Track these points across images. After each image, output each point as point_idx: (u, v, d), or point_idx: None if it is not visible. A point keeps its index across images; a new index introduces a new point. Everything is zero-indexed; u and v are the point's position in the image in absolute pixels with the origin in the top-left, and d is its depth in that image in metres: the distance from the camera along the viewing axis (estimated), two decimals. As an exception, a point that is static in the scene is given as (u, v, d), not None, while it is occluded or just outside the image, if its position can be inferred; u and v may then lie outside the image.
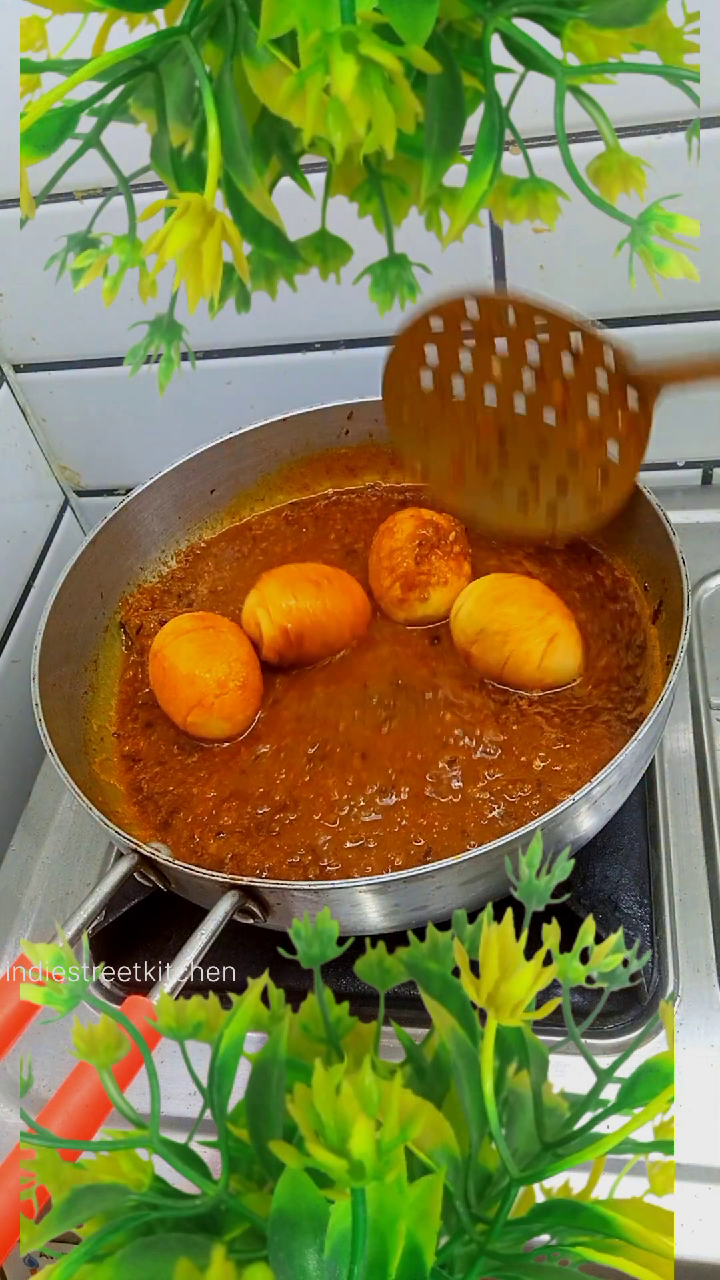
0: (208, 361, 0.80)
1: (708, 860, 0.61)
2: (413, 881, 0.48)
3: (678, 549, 0.59)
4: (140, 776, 0.63)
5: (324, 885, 0.49)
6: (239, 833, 0.58)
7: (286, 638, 0.64)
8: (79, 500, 0.95)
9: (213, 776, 0.62)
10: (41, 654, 0.62)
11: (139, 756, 0.65)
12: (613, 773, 0.50)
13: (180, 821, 0.60)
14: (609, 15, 0.39)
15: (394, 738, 0.61)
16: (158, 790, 0.62)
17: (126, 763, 0.65)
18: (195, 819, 0.60)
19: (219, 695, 0.61)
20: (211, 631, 0.64)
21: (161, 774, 0.63)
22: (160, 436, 0.85)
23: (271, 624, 0.64)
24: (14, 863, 0.71)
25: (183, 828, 0.60)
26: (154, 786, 0.63)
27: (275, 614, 0.64)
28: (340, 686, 0.65)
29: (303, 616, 0.64)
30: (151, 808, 0.62)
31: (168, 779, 0.63)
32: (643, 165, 0.43)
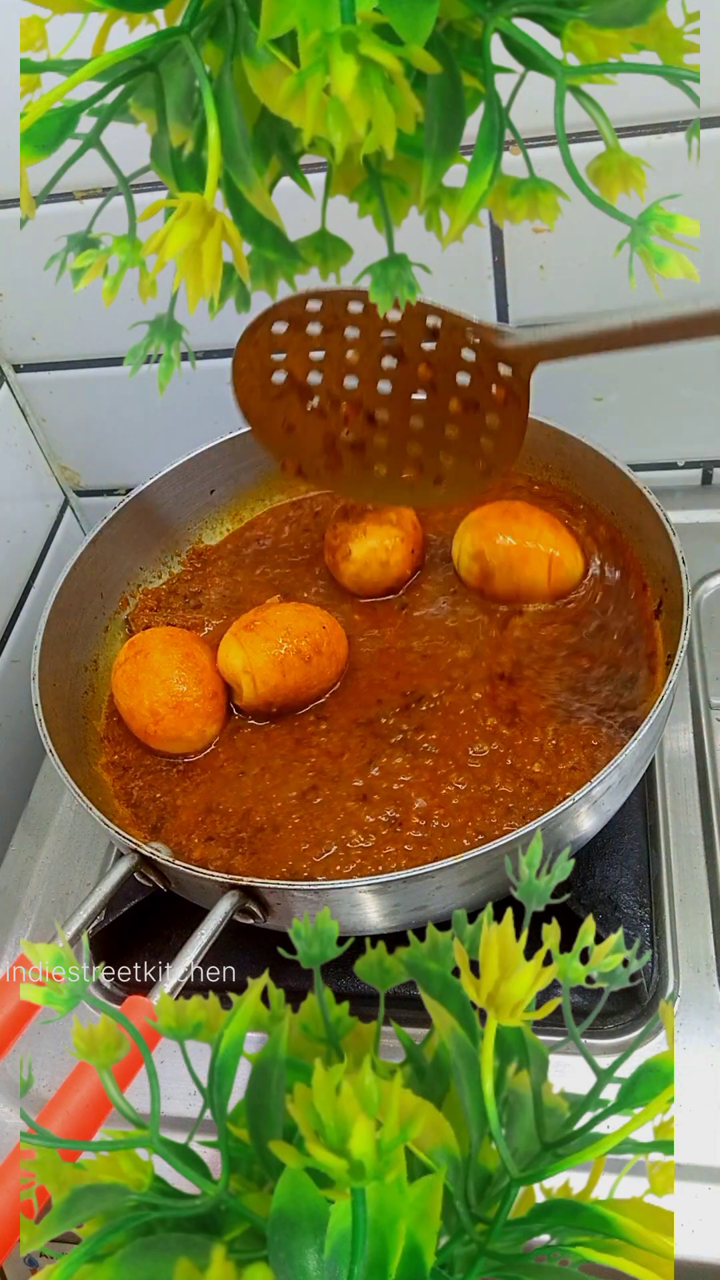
0: (208, 361, 0.80)
1: (708, 860, 0.61)
2: (413, 881, 0.48)
3: (678, 549, 0.59)
4: (130, 784, 0.64)
5: (324, 885, 0.49)
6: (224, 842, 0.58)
7: (268, 708, 0.63)
8: (79, 500, 0.95)
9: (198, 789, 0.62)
10: (41, 654, 0.62)
11: (127, 764, 0.65)
12: (613, 773, 0.50)
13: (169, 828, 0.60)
14: (609, 15, 0.39)
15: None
16: (145, 797, 0.62)
17: (116, 769, 0.65)
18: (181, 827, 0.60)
19: (155, 723, 0.62)
20: (140, 658, 0.63)
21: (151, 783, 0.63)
22: (160, 436, 0.85)
23: (255, 695, 0.62)
24: (14, 863, 0.71)
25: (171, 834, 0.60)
26: (143, 794, 0.63)
27: (261, 687, 0.62)
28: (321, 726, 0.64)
29: (288, 693, 0.63)
30: (141, 813, 0.62)
31: (155, 788, 0.63)
32: (643, 165, 0.43)
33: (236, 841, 0.58)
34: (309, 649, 0.62)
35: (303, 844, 0.56)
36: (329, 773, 0.60)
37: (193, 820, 0.59)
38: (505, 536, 0.65)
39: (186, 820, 0.60)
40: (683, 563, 0.58)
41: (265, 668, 0.62)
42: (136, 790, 0.63)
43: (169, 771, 0.63)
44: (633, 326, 0.50)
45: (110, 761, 0.65)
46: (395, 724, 0.61)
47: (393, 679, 0.64)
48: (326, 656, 0.63)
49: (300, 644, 0.62)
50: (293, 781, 0.60)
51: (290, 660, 0.62)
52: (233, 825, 0.58)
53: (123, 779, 0.64)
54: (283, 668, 0.62)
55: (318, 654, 0.63)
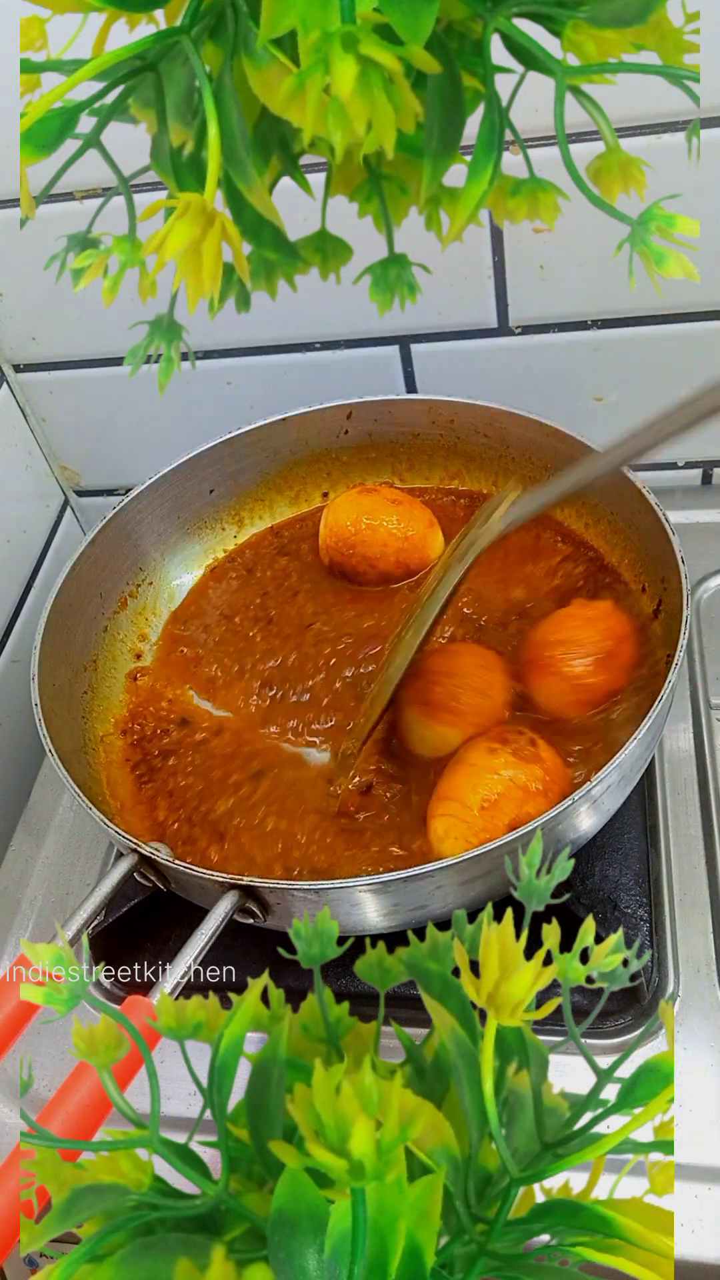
0: (208, 361, 0.80)
1: (708, 860, 0.61)
2: (413, 881, 0.48)
3: (677, 549, 0.59)
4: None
5: (324, 885, 0.49)
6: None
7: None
8: (79, 500, 0.95)
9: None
10: (41, 654, 0.62)
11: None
12: (612, 772, 0.50)
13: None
14: (609, 15, 0.39)
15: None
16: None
17: (128, 765, 0.65)
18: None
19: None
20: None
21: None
22: (160, 436, 0.85)
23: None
24: (14, 863, 0.71)
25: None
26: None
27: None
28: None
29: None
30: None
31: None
32: (643, 165, 0.43)
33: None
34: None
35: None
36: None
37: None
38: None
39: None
40: (683, 563, 0.58)
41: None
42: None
43: (169, 772, 0.63)
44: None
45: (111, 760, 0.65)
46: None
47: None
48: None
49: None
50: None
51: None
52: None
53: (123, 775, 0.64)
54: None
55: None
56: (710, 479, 0.85)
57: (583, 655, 0.58)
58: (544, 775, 0.53)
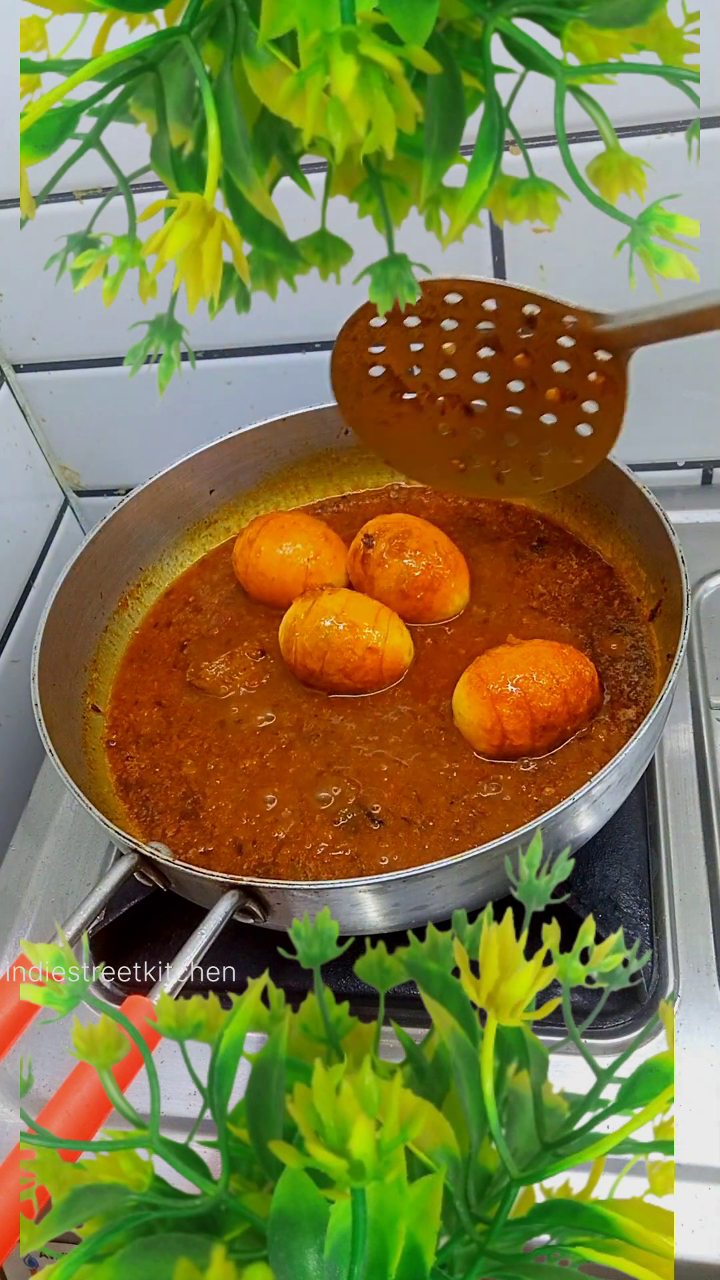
0: (208, 361, 0.80)
1: (708, 860, 0.61)
2: (413, 881, 0.48)
3: (677, 549, 0.59)
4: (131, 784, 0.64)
5: (324, 885, 0.49)
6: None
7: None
8: (79, 500, 0.95)
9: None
10: (41, 654, 0.62)
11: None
12: (612, 772, 0.50)
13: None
14: (609, 15, 0.39)
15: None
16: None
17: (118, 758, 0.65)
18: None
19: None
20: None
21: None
22: (160, 436, 0.85)
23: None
24: (14, 863, 0.71)
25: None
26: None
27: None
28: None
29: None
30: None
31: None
32: (643, 165, 0.43)
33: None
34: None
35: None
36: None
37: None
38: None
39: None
40: (683, 562, 0.58)
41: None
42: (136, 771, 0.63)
43: (169, 771, 0.63)
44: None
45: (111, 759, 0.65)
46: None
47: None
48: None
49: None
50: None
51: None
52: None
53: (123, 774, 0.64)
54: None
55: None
56: (710, 479, 0.85)
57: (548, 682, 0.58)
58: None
